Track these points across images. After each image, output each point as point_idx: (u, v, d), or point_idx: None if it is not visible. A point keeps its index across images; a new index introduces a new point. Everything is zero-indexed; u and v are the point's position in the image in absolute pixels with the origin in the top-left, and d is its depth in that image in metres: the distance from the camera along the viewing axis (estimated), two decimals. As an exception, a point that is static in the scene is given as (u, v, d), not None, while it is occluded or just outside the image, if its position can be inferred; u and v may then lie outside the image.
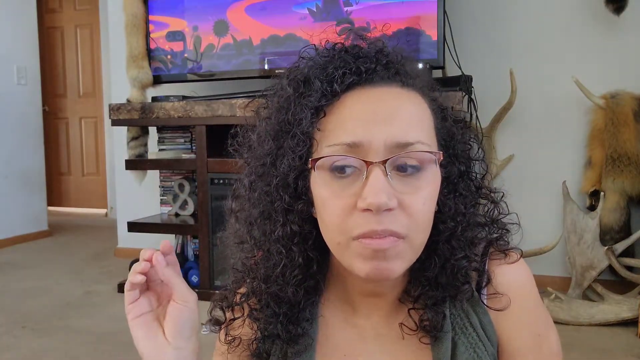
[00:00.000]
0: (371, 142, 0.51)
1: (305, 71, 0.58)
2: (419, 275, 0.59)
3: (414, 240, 0.53)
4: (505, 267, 0.61)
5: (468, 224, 0.59)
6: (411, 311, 0.60)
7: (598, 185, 2.33)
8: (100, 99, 4.95)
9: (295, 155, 0.55)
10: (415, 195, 0.52)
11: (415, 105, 0.56)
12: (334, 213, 0.53)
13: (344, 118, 0.54)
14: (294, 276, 0.58)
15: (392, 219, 0.50)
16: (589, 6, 2.41)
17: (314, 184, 0.55)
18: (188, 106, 2.44)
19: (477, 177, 0.62)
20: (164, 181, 2.92)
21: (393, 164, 0.51)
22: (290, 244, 0.58)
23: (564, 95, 2.46)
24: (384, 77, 0.56)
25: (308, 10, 2.39)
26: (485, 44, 2.59)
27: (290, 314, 0.61)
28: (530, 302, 0.61)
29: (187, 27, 2.61)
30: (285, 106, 0.57)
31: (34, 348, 2.01)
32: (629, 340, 1.96)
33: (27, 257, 3.47)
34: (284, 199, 0.57)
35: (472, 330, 0.59)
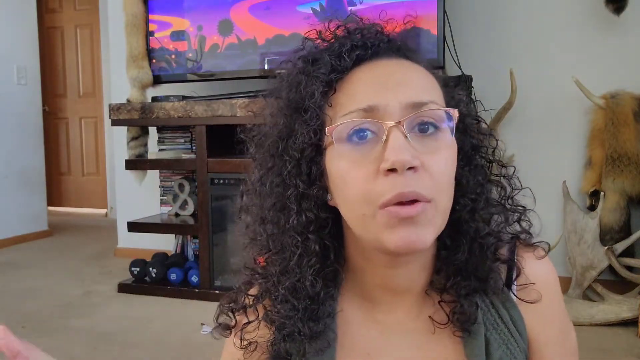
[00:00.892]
0: (386, 105, 0.51)
1: (312, 50, 0.58)
2: (447, 263, 0.58)
3: (440, 203, 0.51)
4: (534, 261, 0.60)
5: (487, 197, 0.58)
6: (442, 303, 0.58)
7: (598, 185, 2.33)
8: (100, 99, 4.95)
9: (310, 129, 0.54)
10: (436, 156, 0.51)
11: (424, 74, 0.56)
12: (357, 183, 0.51)
13: (355, 89, 0.53)
14: (311, 265, 0.56)
15: (417, 179, 0.49)
16: (589, 6, 2.41)
17: (331, 160, 0.54)
18: (188, 106, 2.44)
19: (488, 151, 0.61)
20: (164, 181, 2.93)
21: (411, 124, 0.51)
22: (305, 233, 0.56)
23: (564, 95, 2.46)
24: (388, 51, 0.57)
25: (312, 9, 2.39)
26: (485, 44, 2.59)
27: (310, 308, 0.58)
28: (557, 296, 0.61)
29: (191, 27, 2.61)
30: (295, 84, 0.57)
31: (34, 348, 2.01)
32: (629, 340, 1.96)
33: (27, 257, 3.47)
34: (297, 185, 0.55)
35: (504, 326, 0.58)
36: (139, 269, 2.69)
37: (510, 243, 0.61)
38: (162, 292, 2.60)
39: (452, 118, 0.53)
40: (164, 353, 1.95)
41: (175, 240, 2.92)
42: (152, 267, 2.66)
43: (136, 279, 2.71)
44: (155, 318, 2.31)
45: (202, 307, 2.42)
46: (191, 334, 2.10)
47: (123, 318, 2.32)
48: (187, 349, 1.99)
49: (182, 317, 2.32)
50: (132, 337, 2.10)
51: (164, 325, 2.23)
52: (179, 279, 2.64)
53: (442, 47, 2.24)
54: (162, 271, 2.66)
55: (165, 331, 2.15)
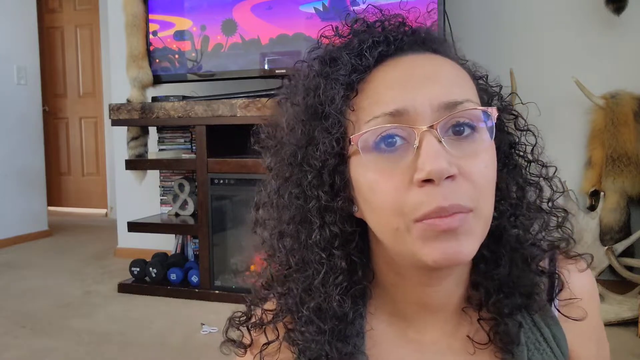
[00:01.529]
0: (415, 107, 0.46)
1: (330, 48, 0.53)
2: (487, 278, 0.53)
3: (482, 210, 0.46)
4: (576, 274, 0.56)
5: (529, 202, 0.53)
6: (480, 322, 0.53)
7: (598, 185, 2.33)
8: (100, 99, 4.95)
9: (332, 138, 0.49)
10: (476, 160, 0.46)
11: (454, 68, 0.51)
12: (387, 195, 0.46)
13: (379, 90, 0.48)
14: (338, 283, 0.51)
15: (457, 189, 0.44)
16: (589, 6, 2.41)
17: (357, 170, 0.48)
18: (188, 106, 2.44)
19: (526, 149, 0.56)
20: (164, 181, 2.93)
21: (445, 126, 0.46)
22: (330, 248, 0.51)
23: (564, 95, 2.46)
24: (413, 45, 0.51)
25: (314, 9, 2.39)
26: (485, 44, 2.59)
27: (338, 329, 0.52)
28: (598, 311, 0.58)
29: (195, 27, 2.60)
30: (313, 88, 0.51)
31: (34, 348, 2.01)
32: (629, 340, 1.95)
33: (27, 257, 3.47)
34: (319, 196, 0.50)
35: (546, 345, 0.53)
36: (139, 269, 2.70)
37: (550, 253, 0.56)
38: (162, 292, 2.60)
39: (491, 117, 0.48)
40: (164, 353, 1.95)
41: (175, 240, 2.92)
42: (152, 267, 2.66)
43: (136, 279, 2.71)
44: (155, 318, 2.31)
45: (202, 307, 2.42)
46: (191, 334, 2.10)
47: (123, 318, 2.32)
48: (187, 349, 1.98)
49: (182, 317, 2.32)
50: (132, 337, 2.10)
51: (164, 325, 2.23)
52: (179, 279, 2.64)
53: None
54: (162, 271, 2.66)
55: (165, 331, 2.15)
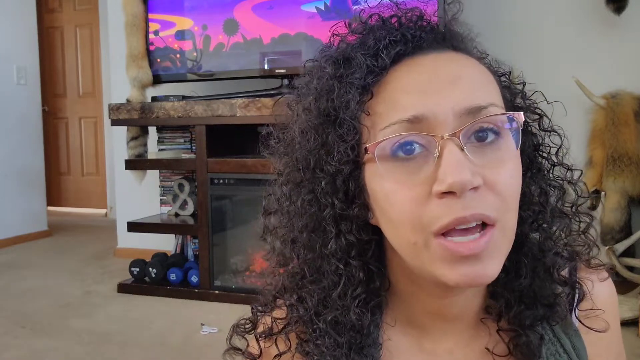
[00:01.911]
0: (436, 113, 0.42)
1: (343, 48, 0.49)
2: (507, 289, 0.50)
3: (506, 224, 0.43)
4: (598, 284, 0.54)
5: (553, 208, 0.50)
6: (500, 332, 0.51)
7: (599, 185, 2.33)
8: (100, 99, 4.95)
9: (347, 146, 0.46)
10: (501, 169, 0.43)
11: (477, 68, 0.47)
12: (404, 206, 0.43)
13: (396, 94, 0.45)
14: (356, 296, 0.48)
15: (480, 200, 0.41)
16: (589, 6, 2.41)
17: (373, 179, 0.46)
18: (188, 106, 2.43)
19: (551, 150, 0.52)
20: (163, 181, 2.92)
21: (468, 133, 0.42)
22: (347, 258, 0.48)
23: (564, 95, 2.46)
24: (432, 43, 0.48)
25: (316, 8, 2.38)
26: (485, 44, 2.58)
27: (355, 341, 0.50)
28: (618, 320, 0.56)
29: (196, 26, 2.60)
30: (326, 91, 0.48)
31: (34, 348, 2.00)
32: (629, 340, 1.95)
33: (27, 257, 3.47)
34: (334, 204, 0.47)
35: (567, 357, 0.51)
36: (139, 269, 2.69)
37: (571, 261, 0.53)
38: (162, 292, 2.59)
39: (517, 122, 0.44)
40: (164, 353, 1.95)
41: (175, 240, 2.92)
42: (152, 267, 2.66)
43: (136, 279, 2.71)
44: (155, 318, 2.31)
45: (201, 307, 2.42)
46: (191, 334, 2.10)
47: (123, 318, 2.32)
48: (187, 349, 1.98)
49: (182, 317, 2.31)
50: (132, 337, 2.09)
51: (163, 325, 2.22)
52: (179, 279, 2.64)
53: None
54: (162, 271, 2.66)
55: (165, 331, 2.15)
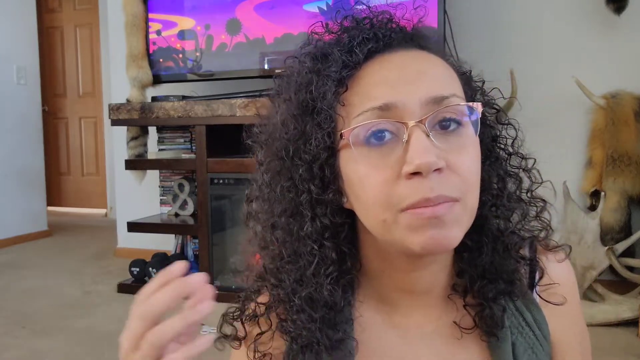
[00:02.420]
0: (404, 102, 0.47)
1: (320, 45, 0.54)
2: (471, 265, 0.55)
3: (468, 201, 0.48)
4: (555, 263, 0.59)
5: (510, 192, 0.55)
6: (466, 307, 0.56)
7: (598, 185, 2.33)
8: (100, 99, 4.95)
9: (324, 133, 0.50)
10: (462, 154, 0.48)
11: (440, 65, 0.52)
12: (376, 188, 0.47)
13: (369, 86, 0.50)
14: (329, 274, 0.53)
15: (444, 181, 0.46)
16: (589, 6, 2.41)
17: (347, 163, 0.50)
18: (188, 106, 2.44)
19: (507, 141, 0.58)
20: (163, 181, 2.93)
21: (433, 121, 0.48)
22: (321, 239, 0.53)
23: (564, 95, 2.46)
24: (401, 42, 0.53)
25: (318, 8, 2.38)
26: (485, 44, 2.59)
27: (329, 316, 0.55)
28: (577, 298, 0.61)
29: (199, 26, 2.60)
30: (305, 83, 0.52)
31: (34, 348, 2.01)
32: (629, 340, 1.95)
33: (27, 257, 3.47)
34: (310, 190, 0.52)
35: (529, 329, 0.56)
36: (139, 269, 2.69)
37: (530, 242, 0.58)
38: (162, 292, 2.59)
39: (476, 112, 0.50)
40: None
41: (175, 240, 2.92)
42: (152, 267, 2.66)
43: (136, 279, 2.71)
44: (155, 318, 2.31)
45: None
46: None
47: (123, 318, 2.30)
48: (187, 349, 1.98)
49: (182, 317, 2.31)
50: None
51: (163, 325, 2.22)
52: (179, 279, 2.64)
53: (442, 47, 2.24)
54: (162, 271, 2.65)
55: (165, 331, 2.15)
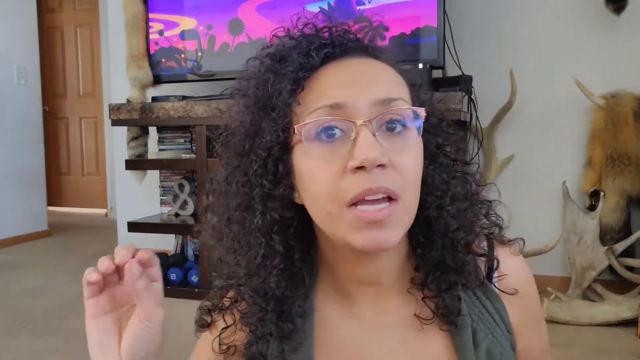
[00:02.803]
0: (354, 103, 0.51)
1: (280, 47, 0.58)
2: (424, 260, 0.59)
3: (407, 201, 0.52)
4: (510, 257, 0.63)
5: (453, 194, 0.59)
6: (425, 300, 0.59)
7: (598, 185, 2.33)
8: (100, 99, 4.95)
9: (278, 127, 0.54)
10: (404, 154, 0.52)
11: (391, 73, 0.56)
12: (324, 180, 0.51)
13: (323, 87, 0.53)
14: (275, 266, 0.56)
15: (385, 176, 0.50)
16: (589, 6, 2.41)
17: (299, 158, 0.54)
18: (188, 106, 2.44)
19: (452, 149, 0.62)
20: (164, 181, 2.92)
21: (379, 122, 0.51)
22: (270, 232, 0.56)
23: (564, 95, 2.46)
24: (356, 50, 0.57)
25: (320, 8, 2.38)
26: (485, 44, 2.59)
27: (280, 309, 0.58)
28: (533, 288, 0.64)
29: (201, 26, 2.59)
30: (263, 82, 0.56)
31: (34, 348, 2.01)
32: (629, 340, 1.95)
33: (27, 257, 3.47)
34: (263, 185, 0.55)
35: (489, 316, 0.60)
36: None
37: (485, 238, 0.63)
38: (162, 292, 2.59)
39: (420, 117, 0.53)
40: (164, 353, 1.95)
41: (175, 240, 2.92)
42: (152, 267, 2.65)
43: (136, 279, 2.71)
44: (155, 318, 2.31)
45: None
46: (191, 334, 2.10)
47: (123, 318, 2.32)
48: (187, 349, 1.98)
49: (182, 317, 2.31)
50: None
51: (164, 325, 2.22)
52: (179, 279, 2.64)
53: (442, 47, 2.24)
54: (162, 271, 2.65)
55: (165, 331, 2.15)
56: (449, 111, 2.01)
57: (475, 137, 2.56)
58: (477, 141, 2.55)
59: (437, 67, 2.25)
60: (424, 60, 2.19)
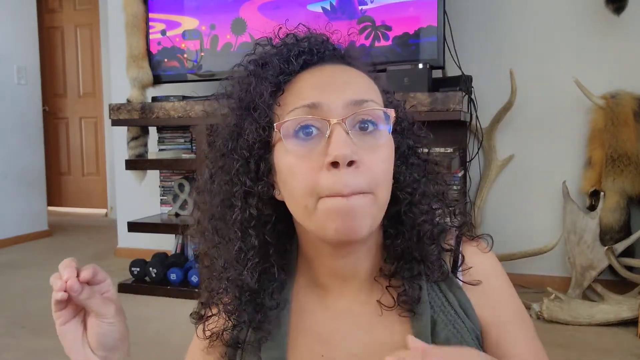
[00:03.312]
0: (329, 103, 0.56)
1: (263, 54, 0.63)
2: (391, 250, 0.63)
3: (378, 197, 0.56)
4: (477, 253, 0.66)
5: (424, 191, 0.63)
6: (389, 288, 0.63)
7: (598, 185, 2.33)
8: (100, 99, 4.95)
9: (259, 126, 0.58)
10: (375, 153, 0.56)
11: (365, 79, 0.61)
12: (302, 176, 0.55)
13: (301, 89, 0.58)
14: (249, 259, 0.60)
15: (357, 175, 0.53)
16: (589, 6, 2.41)
17: (279, 155, 0.57)
18: (188, 106, 2.44)
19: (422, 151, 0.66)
20: (164, 181, 2.93)
21: (352, 122, 0.55)
22: (247, 227, 0.60)
23: (564, 95, 2.46)
24: (333, 58, 0.62)
25: (322, 8, 2.38)
26: (485, 44, 2.59)
27: (255, 300, 0.62)
28: (503, 281, 0.66)
29: (204, 26, 2.59)
30: (246, 85, 0.61)
31: (34, 348, 2.01)
32: (629, 340, 1.96)
33: (27, 257, 3.47)
34: (244, 182, 0.59)
35: (450, 308, 0.62)
36: (139, 269, 2.69)
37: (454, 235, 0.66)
38: (162, 292, 2.60)
39: (390, 118, 0.58)
40: (164, 353, 1.95)
41: (175, 240, 2.92)
42: (152, 267, 2.66)
43: (136, 279, 2.71)
44: (155, 318, 2.31)
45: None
46: (191, 334, 2.10)
47: (123, 318, 2.32)
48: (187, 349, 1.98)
49: (182, 317, 2.31)
50: (132, 337, 2.09)
51: (164, 325, 2.23)
52: (179, 279, 2.64)
53: (442, 47, 2.24)
54: (162, 271, 2.66)
55: (165, 331, 2.15)
56: (449, 111, 2.01)
57: (475, 137, 2.56)
58: (477, 141, 2.55)
59: (437, 67, 2.25)
60: (424, 60, 2.19)
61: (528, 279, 2.50)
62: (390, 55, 2.28)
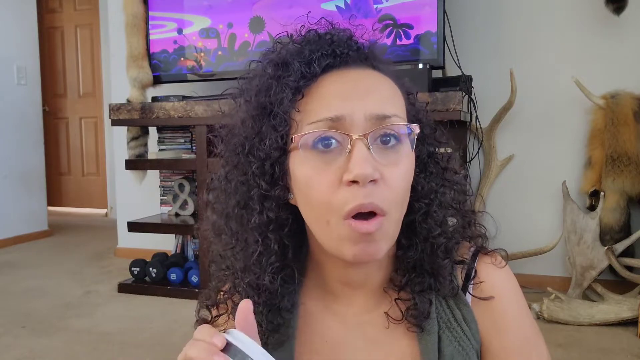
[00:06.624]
0: (352, 116, 0.53)
1: (283, 54, 0.59)
2: (403, 261, 0.61)
3: (394, 215, 0.54)
4: (492, 268, 0.63)
5: (440, 202, 0.61)
6: (397, 301, 0.61)
7: (598, 185, 2.33)
8: (100, 99, 4.95)
9: (278, 135, 0.56)
10: (395, 170, 0.54)
11: (389, 85, 0.58)
12: (321, 190, 0.53)
13: (323, 97, 0.55)
14: (270, 264, 0.59)
15: (376, 192, 0.52)
16: (588, 6, 2.41)
17: (296, 164, 0.56)
18: (188, 106, 2.44)
19: (442, 158, 0.64)
20: (164, 181, 2.93)
21: (374, 136, 0.54)
22: (266, 231, 0.59)
23: (564, 95, 2.46)
24: (356, 60, 0.59)
25: (336, 7, 2.38)
26: (485, 44, 2.59)
27: (270, 303, 0.61)
28: (514, 303, 0.63)
29: (221, 24, 2.57)
30: (265, 88, 0.58)
31: (34, 348, 2.01)
32: (629, 340, 1.96)
33: (27, 257, 3.47)
34: (260, 185, 0.58)
35: (457, 325, 0.61)
36: (139, 269, 2.69)
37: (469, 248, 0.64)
38: (162, 292, 2.60)
39: (413, 132, 0.56)
40: (164, 353, 1.95)
41: (175, 240, 2.92)
42: (152, 267, 2.66)
43: (136, 279, 2.71)
44: (155, 318, 2.31)
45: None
46: (191, 334, 2.09)
47: (123, 318, 2.32)
48: (187, 349, 1.98)
49: (182, 317, 2.32)
50: (132, 337, 2.10)
51: (164, 325, 2.23)
52: (179, 279, 2.64)
53: (442, 47, 2.24)
54: (162, 271, 2.66)
55: (165, 331, 2.15)
56: (449, 111, 2.01)
57: (475, 137, 2.56)
58: (477, 141, 2.55)
59: (437, 67, 2.25)
60: (424, 60, 2.19)
61: (528, 279, 2.50)
62: (390, 55, 2.28)
